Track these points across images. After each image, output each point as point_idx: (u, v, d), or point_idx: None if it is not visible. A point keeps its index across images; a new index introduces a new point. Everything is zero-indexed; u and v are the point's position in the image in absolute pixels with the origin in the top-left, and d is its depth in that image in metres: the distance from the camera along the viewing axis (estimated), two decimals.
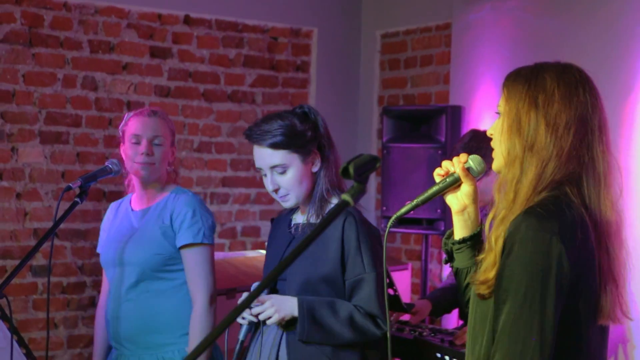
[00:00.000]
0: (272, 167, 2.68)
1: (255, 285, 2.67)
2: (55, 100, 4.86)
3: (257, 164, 2.72)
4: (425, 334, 3.28)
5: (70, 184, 2.92)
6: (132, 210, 3.15)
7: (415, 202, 2.05)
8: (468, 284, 2.09)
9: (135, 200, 3.16)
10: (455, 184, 2.06)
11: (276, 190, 2.70)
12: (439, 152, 4.62)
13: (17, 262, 4.27)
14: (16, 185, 4.76)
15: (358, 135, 5.88)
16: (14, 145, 4.75)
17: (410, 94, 5.65)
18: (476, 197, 2.07)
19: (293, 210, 2.83)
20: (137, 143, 3.04)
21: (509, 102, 1.95)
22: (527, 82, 1.93)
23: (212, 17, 5.37)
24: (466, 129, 4.50)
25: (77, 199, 2.92)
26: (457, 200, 2.07)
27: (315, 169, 2.72)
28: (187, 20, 5.29)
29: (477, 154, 3.46)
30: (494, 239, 1.89)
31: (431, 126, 4.72)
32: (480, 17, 4.83)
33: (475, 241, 2.08)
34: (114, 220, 3.19)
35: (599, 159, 1.92)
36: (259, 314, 2.63)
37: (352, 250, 2.62)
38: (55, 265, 4.85)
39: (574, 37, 4.27)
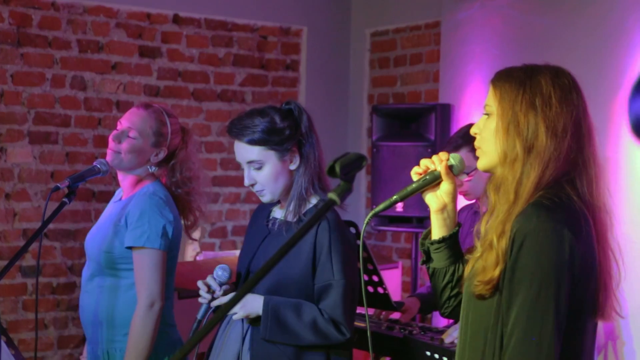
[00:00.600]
0: (249, 163, 2.70)
1: (219, 267, 2.69)
2: (44, 100, 4.85)
3: (236, 158, 2.74)
4: (415, 332, 3.28)
5: (59, 184, 2.90)
6: (114, 201, 3.14)
7: (393, 198, 2.03)
8: (446, 284, 2.09)
9: (121, 189, 3.16)
10: (435, 181, 2.06)
11: (252, 185, 2.72)
12: (429, 150, 4.62)
13: (6, 262, 4.26)
14: (5, 185, 4.74)
15: (348, 134, 5.88)
16: (2, 145, 4.73)
17: (400, 92, 5.65)
18: (455, 195, 2.07)
19: (272, 204, 2.83)
20: (117, 129, 3.04)
21: (502, 103, 1.95)
22: (522, 84, 1.94)
23: (202, 16, 5.36)
24: (456, 127, 4.51)
25: (65, 199, 2.90)
26: (437, 199, 2.07)
27: (293, 166, 2.71)
28: (176, 19, 5.28)
29: (474, 145, 3.46)
30: (496, 238, 1.89)
31: (421, 124, 4.73)
32: (470, 15, 4.83)
33: (453, 241, 2.08)
34: (104, 211, 3.20)
35: (590, 161, 1.94)
36: (215, 297, 2.66)
37: (323, 255, 2.61)
38: (45, 265, 4.84)
39: (563, 35, 4.27)
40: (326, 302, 2.61)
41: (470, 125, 3.55)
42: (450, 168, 2.05)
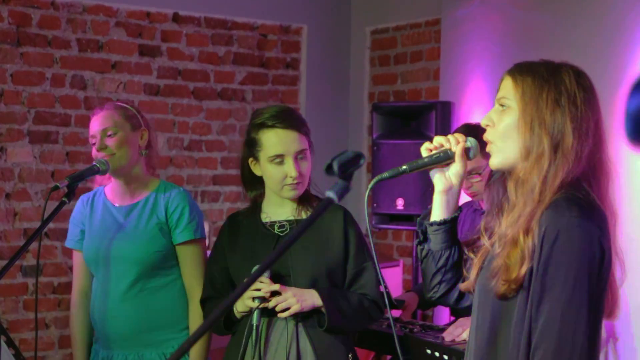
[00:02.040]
0: (299, 152, 2.75)
1: (256, 269, 2.66)
2: (44, 99, 4.84)
3: (282, 149, 2.72)
4: (415, 330, 3.28)
5: (58, 184, 2.89)
6: (112, 205, 3.11)
7: (402, 168, 2.02)
8: (440, 268, 2.07)
9: (113, 195, 3.11)
10: (446, 160, 2.03)
11: (294, 178, 2.73)
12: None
13: (6, 262, 4.25)
14: (5, 185, 4.74)
15: (348, 132, 5.88)
16: (2, 145, 4.73)
17: (401, 90, 5.64)
18: (463, 179, 2.06)
19: (256, 210, 2.83)
20: (94, 143, 3.03)
21: (524, 97, 1.92)
22: (546, 80, 1.92)
23: (201, 15, 5.36)
24: (456, 124, 4.50)
25: (64, 199, 2.89)
26: (445, 179, 2.05)
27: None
28: (176, 18, 5.28)
29: None
30: (521, 235, 1.86)
31: (421, 122, 4.72)
32: (470, 12, 4.82)
33: (452, 225, 2.07)
34: (92, 215, 3.13)
35: (603, 161, 1.94)
36: (269, 298, 2.63)
37: (354, 243, 2.75)
38: (46, 265, 4.84)
39: (563, 32, 4.27)
40: (363, 284, 2.75)
41: (466, 124, 3.55)
42: (466, 151, 2.03)
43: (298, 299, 2.63)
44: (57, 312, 4.88)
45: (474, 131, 3.41)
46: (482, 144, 2.02)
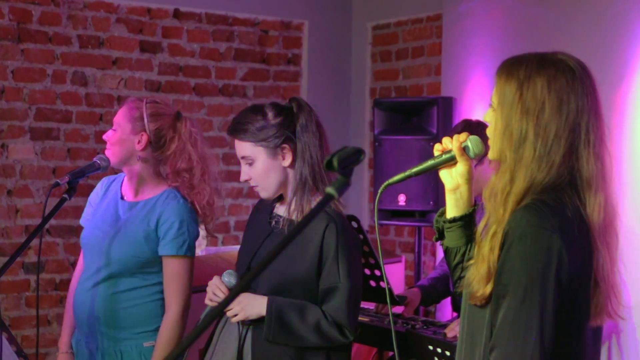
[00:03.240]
0: (242, 158, 2.74)
1: (225, 276, 2.68)
2: (45, 96, 4.84)
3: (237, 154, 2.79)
4: (417, 326, 3.28)
5: (59, 180, 2.89)
6: (120, 197, 3.11)
7: (408, 172, 2.05)
8: (457, 264, 2.08)
9: (125, 187, 3.12)
10: (450, 161, 2.06)
11: (247, 181, 2.76)
12: (431, 143, 4.59)
13: (8, 259, 4.25)
14: (7, 182, 4.74)
15: (350, 128, 5.87)
16: (4, 142, 4.73)
17: (402, 86, 5.64)
18: (470, 177, 2.06)
19: (274, 200, 2.83)
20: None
21: (501, 104, 1.94)
22: (520, 86, 1.91)
23: (202, 11, 5.35)
24: (457, 120, 4.49)
25: (65, 195, 2.89)
26: (451, 178, 2.07)
27: (285, 163, 2.71)
28: (177, 14, 5.27)
29: None
30: (488, 250, 1.88)
31: (423, 118, 4.71)
32: (471, 7, 4.81)
33: (466, 222, 2.07)
34: (103, 198, 3.14)
35: (586, 164, 1.91)
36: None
37: (330, 257, 2.62)
38: (48, 262, 4.84)
39: (565, 27, 4.26)
40: (331, 305, 2.61)
41: (465, 121, 3.55)
42: (464, 149, 2.04)
43: (243, 306, 2.62)
44: (58, 309, 4.88)
45: (473, 127, 3.43)
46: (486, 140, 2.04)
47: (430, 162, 2.07)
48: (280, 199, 2.81)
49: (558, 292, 1.83)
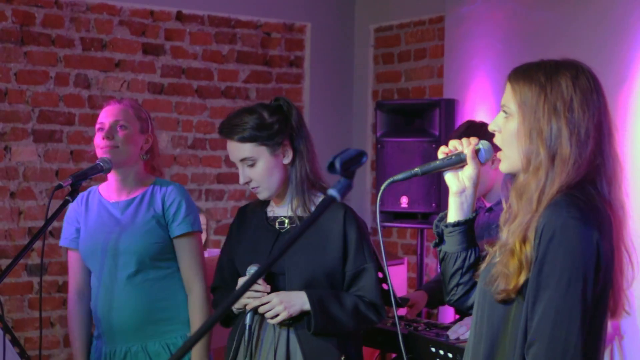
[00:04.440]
0: (242, 160, 2.73)
1: (251, 268, 2.69)
2: (48, 98, 4.85)
3: (230, 158, 2.78)
4: (420, 328, 3.28)
5: (61, 183, 2.90)
6: (108, 202, 3.12)
7: (415, 170, 2.05)
8: (457, 270, 2.08)
9: (108, 192, 3.13)
10: (458, 164, 2.06)
11: (247, 183, 2.75)
12: (433, 145, 4.60)
13: (11, 261, 4.26)
14: (10, 184, 4.75)
15: (352, 130, 5.87)
16: (7, 144, 4.74)
17: (405, 88, 5.64)
18: (477, 181, 2.06)
19: (265, 203, 2.84)
20: (101, 129, 3.05)
21: (522, 108, 1.93)
22: (543, 87, 1.91)
23: (205, 13, 5.36)
24: (460, 122, 4.49)
25: (68, 197, 2.90)
26: (457, 181, 2.07)
27: (286, 160, 2.74)
28: (180, 16, 5.28)
29: None
30: (518, 244, 1.88)
31: (425, 120, 4.71)
32: (473, 9, 4.81)
33: (468, 227, 2.07)
34: (87, 213, 3.14)
35: (610, 161, 1.94)
36: (261, 304, 2.67)
37: (354, 243, 2.70)
38: (51, 264, 4.84)
39: (567, 29, 4.26)
40: (361, 285, 2.70)
41: (469, 122, 3.55)
42: (476, 152, 2.04)
43: (285, 305, 2.64)
44: (61, 311, 4.88)
45: (477, 129, 3.43)
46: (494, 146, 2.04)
47: (437, 163, 2.07)
48: (264, 201, 2.82)
49: (595, 285, 1.85)
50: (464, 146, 2.06)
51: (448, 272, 2.11)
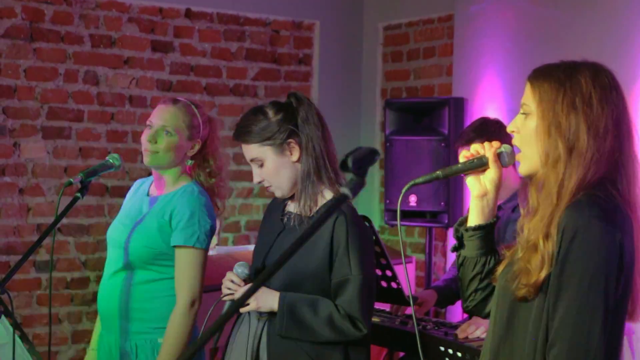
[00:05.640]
0: (252, 161, 2.75)
1: (238, 266, 2.71)
2: (57, 95, 4.86)
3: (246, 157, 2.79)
4: (429, 327, 3.27)
5: (71, 179, 2.90)
6: (146, 195, 3.13)
7: (436, 173, 2.03)
8: (476, 275, 2.07)
9: (154, 185, 3.15)
10: (480, 167, 2.04)
11: (260, 182, 2.76)
12: (442, 144, 4.60)
13: (20, 257, 4.27)
14: (19, 180, 4.76)
15: (361, 128, 5.87)
16: (16, 140, 4.75)
17: (413, 86, 5.63)
18: (499, 185, 2.06)
19: (287, 199, 2.83)
20: (149, 127, 3.04)
21: (542, 104, 1.93)
22: (562, 84, 1.92)
23: (214, 11, 5.36)
24: (469, 120, 4.49)
25: (77, 194, 2.89)
26: (480, 185, 2.05)
27: (294, 158, 2.71)
28: (189, 13, 5.28)
29: (487, 138, 3.43)
30: (541, 240, 1.87)
31: (434, 118, 4.71)
32: (482, 8, 4.81)
33: (488, 231, 2.06)
34: (131, 198, 3.18)
35: (629, 160, 1.93)
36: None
37: (340, 250, 2.60)
38: (59, 260, 4.85)
39: (577, 28, 4.25)
40: (343, 298, 2.60)
41: (483, 119, 3.54)
42: (499, 156, 2.04)
43: (256, 297, 2.63)
44: (70, 307, 4.89)
45: (491, 126, 3.42)
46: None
47: (459, 166, 2.05)
48: (292, 196, 2.81)
49: (616, 285, 1.84)
50: (486, 149, 2.05)
51: (467, 277, 2.09)
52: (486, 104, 4.67)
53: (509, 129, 2.02)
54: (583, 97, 1.90)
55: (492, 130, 3.36)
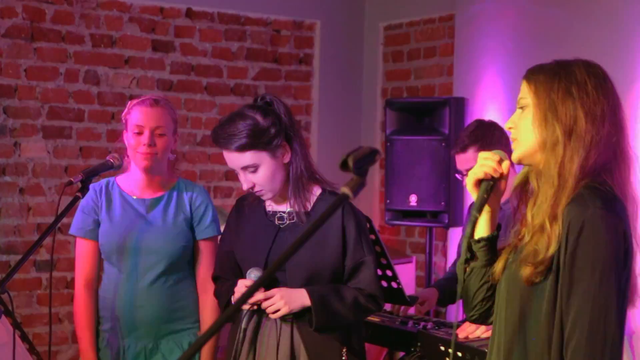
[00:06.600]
0: (243, 168, 2.70)
1: (251, 271, 2.70)
2: (58, 94, 4.86)
3: (229, 165, 2.75)
4: (429, 327, 3.27)
5: (72, 179, 2.90)
6: (130, 197, 3.12)
7: (474, 215, 2.03)
8: (484, 284, 2.08)
9: (131, 187, 3.13)
10: (494, 184, 2.05)
11: (251, 188, 2.73)
12: (443, 144, 4.60)
13: (20, 257, 4.26)
14: (19, 180, 4.76)
15: (361, 128, 5.87)
16: (16, 140, 4.75)
17: (414, 86, 5.63)
18: (500, 196, 2.08)
19: (260, 199, 2.83)
20: (140, 133, 3.04)
21: (537, 93, 1.96)
22: (557, 74, 1.96)
23: (214, 10, 5.36)
24: (469, 120, 4.48)
25: (78, 194, 2.90)
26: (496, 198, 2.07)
27: (286, 160, 2.73)
28: (189, 13, 5.28)
29: (482, 143, 3.43)
30: (548, 222, 1.89)
31: (434, 118, 4.71)
32: (484, 8, 4.80)
33: (493, 242, 2.09)
34: (110, 207, 3.13)
35: (626, 150, 1.96)
36: (260, 302, 2.67)
37: (352, 236, 2.71)
38: (60, 260, 4.85)
39: (578, 28, 4.25)
40: (360, 278, 2.72)
41: (477, 122, 3.54)
42: (499, 162, 2.05)
43: (286, 300, 2.65)
44: (70, 307, 4.88)
45: (486, 128, 3.42)
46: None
47: (483, 195, 2.03)
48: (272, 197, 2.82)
49: (625, 273, 1.88)
50: (495, 166, 2.03)
51: (474, 287, 2.11)
52: (487, 104, 4.67)
53: (506, 126, 2.04)
54: (578, 85, 1.93)
55: (486, 134, 3.37)
